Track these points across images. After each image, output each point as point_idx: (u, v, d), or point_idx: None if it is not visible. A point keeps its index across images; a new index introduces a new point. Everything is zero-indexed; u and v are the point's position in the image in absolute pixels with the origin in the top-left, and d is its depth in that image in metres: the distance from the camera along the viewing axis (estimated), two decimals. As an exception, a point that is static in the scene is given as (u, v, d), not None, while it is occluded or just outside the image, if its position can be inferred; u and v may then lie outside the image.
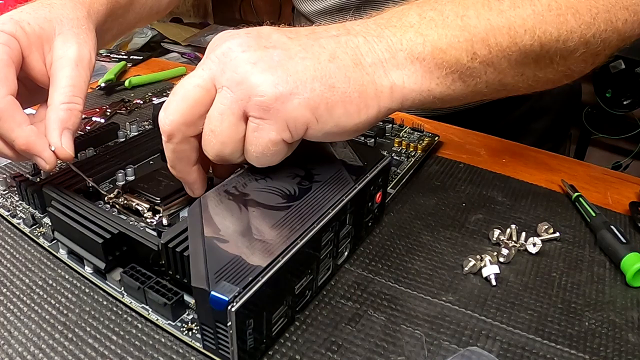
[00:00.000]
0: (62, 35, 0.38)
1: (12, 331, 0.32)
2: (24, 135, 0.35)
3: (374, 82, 0.33)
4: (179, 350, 0.31)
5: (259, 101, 0.30)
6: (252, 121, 0.31)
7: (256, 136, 0.32)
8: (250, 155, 0.33)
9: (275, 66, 0.31)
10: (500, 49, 0.35)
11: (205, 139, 0.33)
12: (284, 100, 0.30)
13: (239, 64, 0.31)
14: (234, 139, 0.32)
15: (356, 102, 0.32)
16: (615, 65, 1.46)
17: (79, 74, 0.38)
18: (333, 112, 0.32)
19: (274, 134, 0.31)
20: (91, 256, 0.35)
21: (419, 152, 0.52)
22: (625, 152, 1.66)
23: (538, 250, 0.40)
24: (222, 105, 0.31)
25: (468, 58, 0.34)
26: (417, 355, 0.31)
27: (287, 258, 0.29)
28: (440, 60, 0.34)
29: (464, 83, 0.36)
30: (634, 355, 0.32)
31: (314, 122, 0.32)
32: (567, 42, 0.36)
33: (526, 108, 0.73)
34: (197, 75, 0.32)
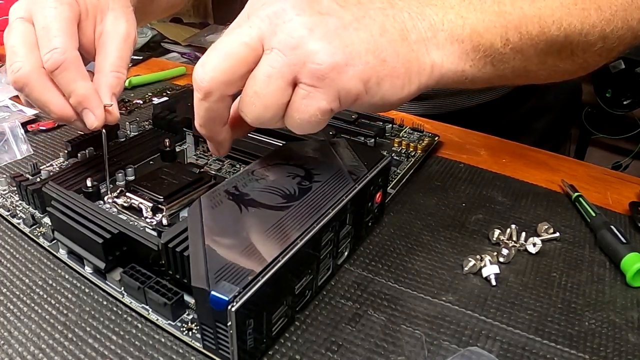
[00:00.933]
0: (114, 11, 0.42)
1: (12, 331, 0.32)
2: (85, 87, 0.38)
3: (417, 59, 0.33)
4: (179, 350, 0.31)
5: (315, 69, 0.30)
6: (302, 88, 0.30)
7: (305, 103, 0.31)
8: (294, 121, 0.32)
9: (331, 35, 0.30)
10: (530, 37, 0.36)
11: (247, 101, 0.31)
12: (340, 70, 0.30)
13: (295, 27, 0.30)
14: (279, 104, 0.31)
15: (402, 77, 0.33)
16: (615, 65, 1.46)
17: (125, 48, 0.42)
18: (382, 86, 0.32)
19: (325, 103, 0.31)
20: (91, 256, 0.35)
21: (419, 152, 0.52)
22: (625, 152, 1.66)
23: (538, 250, 0.40)
24: (272, 67, 0.30)
25: (501, 43, 0.35)
26: (417, 355, 0.31)
27: (287, 258, 0.29)
28: (477, 43, 0.35)
29: (493, 67, 0.36)
30: (634, 355, 0.32)
31: (364, 94, 0.31)
32: (589, 35, 0.38)
33: (527, 107, 0.73)
34: (244, 32, 0.30)
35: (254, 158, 0.46)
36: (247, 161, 0.47)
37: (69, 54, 0.37)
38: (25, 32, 0.38)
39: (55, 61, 0.36)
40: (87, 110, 0.38)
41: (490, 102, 0.69)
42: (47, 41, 0.37)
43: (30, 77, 0.37)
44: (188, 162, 0.49)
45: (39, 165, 0.47)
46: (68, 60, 0.37)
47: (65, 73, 0.37)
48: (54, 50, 0.36)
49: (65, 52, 0.37)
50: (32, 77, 0.37)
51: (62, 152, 0.49)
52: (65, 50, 0.37)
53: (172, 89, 0.69)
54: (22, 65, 0.37)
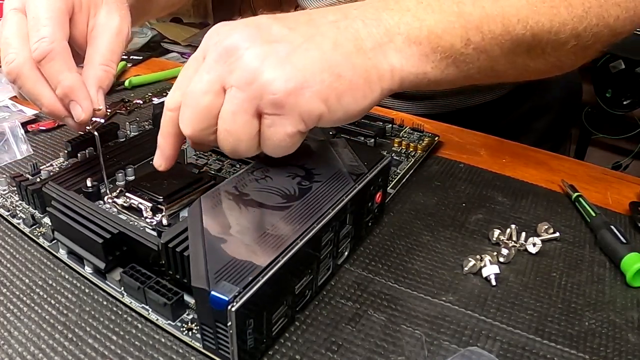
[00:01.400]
0: (108, 5, 0.42)
1: (12, 331, 0.32)
2: (71, 79, 0.37)
3: (376, 67, 0.33)
4: (179, 350, 0.31)
5: (272, 99, 0.31)
6: (266, 117, 0.32)
7: (272, 131, 0.32)
8: (267, 148, 0.33)
9: (283, 61, 0.31)
10: (493, 37, 0.36)
11: (221, 138, 0.33)
12: (297, 94, 0.31)
13: (247, 61, 0.31)
14: (249, 136, 0.33)
15: (362, 88, 0.33)
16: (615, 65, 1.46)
17: (118, 42, 0.41)
18: (342, 100, 0.32)
19: (290, 128, 0.32)
20: (91, 256, 0.35)
21: (419, 152, 0.52)
22: (625, 152, 1.66)
23: (538, 250, 0.40)
24: (234, 105, 0.31)
25: (462, 44, 0.35)
26: (417, 355, 0.31)
27: (287, 258, 0.29)
28: (436, 44, 0.35)
29: (457, 68, 0.36)
30: (634, 355, 0.32)
31: (326, 112, 0.32)
32: (559, 33, 0.37)
33: (527, 107, 0.73)
34: (202, 80, 0.32)
35: (254, 158, 0.46)
36: (247, 161, 0.47)
37: (57, 45, 0.37)
38: (18, 23, 0.38)
39: (42, 51, 0.36)
40: (74, 102, 0.38)
41: (491, 102, 0.69)
42: (35, 31, 0.37)
43: (23, 69, 0.37)
44: (188, 162, 0.49)
45: (39, 165, 0.47)
46: (55, 50, 0.36)
47: (52, 63, 0.37)
48: (42, 39, 0.36)
49: (52, 42, 0.36)
50: (24, 69, 0.37)
51: (62, 152, 0.49)
52: (53, 40, 0.36)
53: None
54: (15, 57, 0.37)
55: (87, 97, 0.38)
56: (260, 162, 0.38)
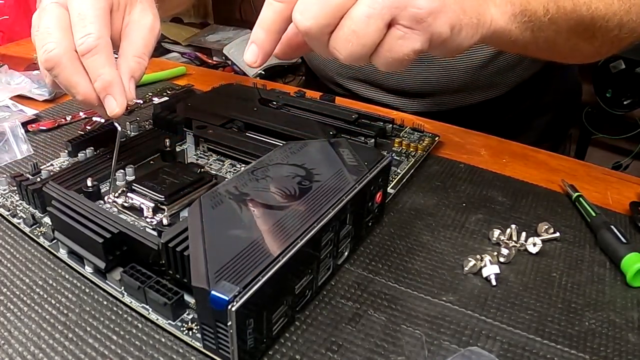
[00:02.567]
0: (142, 4, 0.44)
1: (12, 331, 0.32)
2: (111, 74, 0.39)
3: (484, 13, 0.38)
4: (179, 350, 0.31)
5: (415, 12, 0.32)
6: (399, 29, 0.32)
7: (400, 43, 0.33)
8: (384, 60, 0.34)
9: None
10: (565, 12, 0.42)
11: (344, 38, 0.33)
12: (436, 15, 0.33)
13: None
14: (375, 42, 0.33)
15: (474, 27, 0.36)
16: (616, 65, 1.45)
17: (151, 37, 0.44)
18: (461, 33, 0.35)
19: (419, 44, 0.33)
20: (91, 256, 0.35)
21: (419, 152, 0.52)
22: (626, 152, 1.65)
23: (538, 250, 0.40)
24: (372, 8, 0.32)
25: (543, 12, 0.40)
26: (417, 355, 0.31)
27: (287, 258, 0.29)
28: (524, 8, 0.40)
29: (532, 33, 0.41)
30: (634, 355, 0.32)
31: (449, 38, 0.35)
32: (610, 21, 0.44)
33: (527, 106, 0.73)
34: None
35: (254, 158, 0.46)
36: (247, 161, 0.47)
37: (102, 40, 0.39)
38: (60, 15, 0.39)
39: (88, 45, 0.38)
40: (110, 96, 0.39)
41: (491, 100, 0.69)
42: (82, 27, 0.38)
43: (63, 59, 0.38)
44: (188, 162, 0.49)
45: (39, 165, 0.47)
46: (100, 45, 0.38)
47: (96, 57, 0.38)
48: (89, 34, 0.38)
49: (99, 37, 0.38)
50: (64, 59, 0.38)
51: (63, 152, 0.49)
52: (99, 37, 0.38)
53: (172, 89, 0.69)
54: (55, 47, 0.38)
55: (123, 93, 0.40)
56: (259, 161, 0.38)
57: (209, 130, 0.51)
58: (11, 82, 0.64)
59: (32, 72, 0.67)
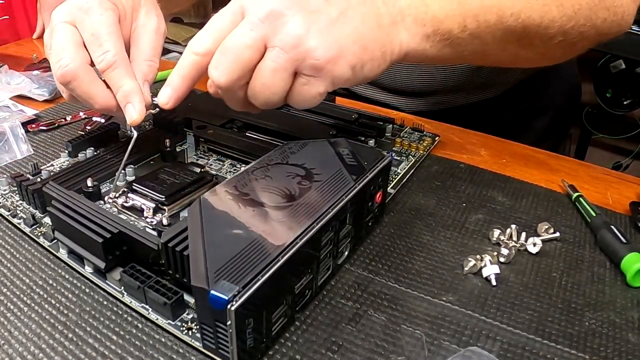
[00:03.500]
0: (146, 7, 0.46)
1: (12, 331, 0.32)
2: (131, 84, 0.41)
3: (391, 42, 0.38)
4: (179, 350, 0.31)
5: (314, 63, 0.35)
6: (303, 77, 0.36)
7: (306, 89, 0.36)
8: (295, 102, 0.37)
9: (324, 32, 0.35)
10: (488, 26, 0.41)
11: (256, 91, 0.37)
12: (334, 62, 0.35)
13: (293, 27, 0.35)
14: (283, 90, 0.36)
15: (379, 58, 0.38)
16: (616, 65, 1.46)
17: (158, 39, 0.45)
18: (364, 68, 0.37)
19: (322, 88, 0.36)
20: (91, 256, 0.35)
21: (419, 152, 0.52)
22: (626, 152, 1.66)
23: (538, 250, 0.40)
24: (276, 63, 0.35)
25: (459, 30, 0.40)
26: (417, 355, 0.31)
27: (287, 257, 0.29)
28: (437, 28, 0.40)
29: (452, 49, 0.41)
30: (634, 355, 0.32)
31: (352, 77, 0.37)
32: (548, 29, 0.42)
33: (526, 106, 0.73)
34: (246, 35, 0.35)
35: (254, 158, 0.46)
36: (247, 161, 0.47)
37: (119, 55, 0.41)
38: (70, 32, 0.41)
39: (108, 62, 0.40)
40: (130, 104, 0.41)
41: (490, 99, 0.69)
42: (98, 46, 0.40)
43: (79, 72, 0.40)
44: (188, 162, 0.49)
45: (40, 165, 0.47)
46: (119, 60, 0.41)
47: (116, 71, 0.41)
48: (107, 52, 0.40)
49: (116, 54, 0.41)
50: (80, 72, 0.40)
51: (63, 152, 0.49)
52: (116, 53, 0.41)
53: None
54: (70, 61, 0.40)
55: (142, 101, 0.41)
56: (259, 161, 0.38)
57: (209, 130, 0.51)
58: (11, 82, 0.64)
59: (32, 72, 0.67)
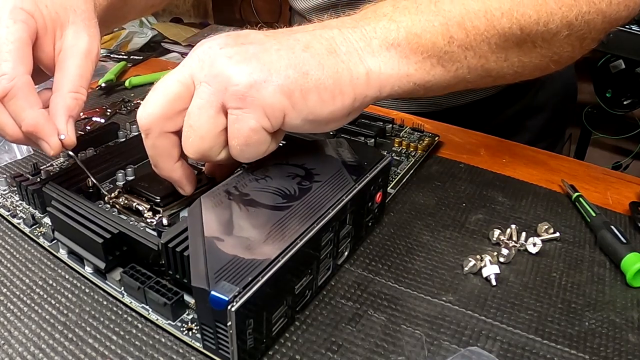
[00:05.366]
0: (75, 25, 0.39)
1: (12, 331, 0.32)
2: (34, 117, 0.35)
3: (349, 69, 0.33)
4: (179, 350, 0.31)
5: (235, 90, 0.31)
6: (231, 113, 0.32)
7: (237, 128, 0.32)
8: (234, 149, 0.33)
9: (249, 58, 0.32)
10: (478, 33, 0.35)
11: (185, 136, 0.33)
12: (259, 87, 0.31)
13: (216, 59, 0.32)
14: (213, 133, 0.32)
15: (330, 88, 0.32)
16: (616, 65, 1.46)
17: (86, 65, 0.39)
18: (307, 99, 0.32)
19: (254, 122, 0.31)
20: (91, 256, 0.35)
21: (419, 152, 0.52)
22: (626, 152, 1.66)
23: (538, 250, 0.40)
24: (201, 99, 0.32)
25: (445, 42, 0.34)
26: (417, 355, 0.31)
27: (287, 258, 0.29)
28: (416, 44, 0.34)
29: (444, 68, 0.36)
30: (634, 355, 0.32)
31: (290, 108, 0.32)
32: (548, 24, 0.36)
33: (521, 106, 0.72)
34: (177, 71, 0.33)
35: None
36: (247, 161, 0.47)
37: (18, 80, 0.35)
38: None
39: (3, 88, 0.35)
40: (40, 139, 0.36)
41: (484, 99, 0.69)
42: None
43: None
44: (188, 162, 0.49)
45: (39, 165, 0.47)
46: (16, 87, 0.35)
47: (14, 101, 0.35)
48: (2, 76, 0.35)
49: (13, 78, 0.35)
50: None
51: (62, 151, 0.49)
52: (14, 77, 0.35)
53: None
54: None
55: (53, 133, 0.36)
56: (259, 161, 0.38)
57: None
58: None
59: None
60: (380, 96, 0.35)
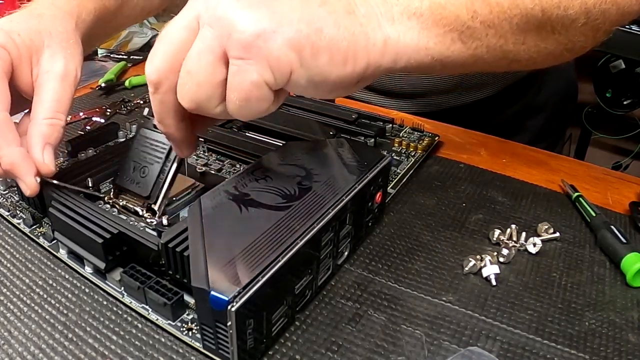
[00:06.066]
0: (50, 48, 0.38)
1: (12, 331, 0.32)
2: (11, 155, 0.35)
3: (366, 34, 0.31)
4: (179, 350, 0.31)
5: (239, 38, 0.28)
6: (232, 63, 0.29)
7: (237, 80, 0.29)
8: (232, 103, 0.30)
9: (259, 4, 0.29)
10: (502, 10, 0.33)
11: (180, 82, 0.30)
12: (267, 37, 0.28)
13: (223, 0, 0.29)
14: (211, 81, 0.29)
15: (344, 50, 0.30)
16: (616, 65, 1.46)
17: (64, 89, 0.38)
18: (318, 57, 0.29)
19: (256, 75, 0.29)
20: (91, 256, 0.35)
21: (419, 152, 0.52)
22: (625, 152, 1.66)
23: (538, 250, 0.40)
24: (202, 43, 0.29)
25: (468, 16, 0.33)
26: (417, 355, 0.31)
27: (287, 258, 0.29)
28: (439, 16, 0.32)
29: (464, 45, 0.34)
30: (634, 355, 0.32)
31: (298, 65, 0.29)
32: (568, 9, 0.35)
33: (521, 106, 0.72)
34: (181, 16, 0.30)
35: (254, 158, 0.46)
36: (247, 161, 0.47)
37: None
38: None
39: None
40: (17, 177, 0.36)
41: (484, 100, 0.69)
42: None
43: None
44: (188, 161, 0.49)
45: (39, 165, 0.47)
46: None
47: None
48: None
49: None
50: None
51: (63, 152, 0.49)
52: None
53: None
54: None
55: (29, 172, 0.35)
56: (259, 161, 0.38)
57: (209, 130, 0.51)
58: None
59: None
60: (395, 68, 0.33)
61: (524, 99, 0.72)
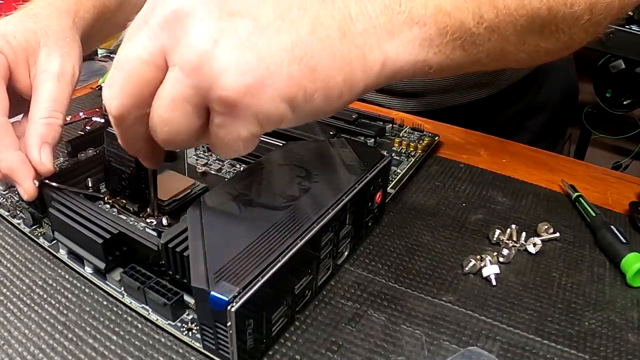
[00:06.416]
0: (47, 47, 0.38)
1: (12, 331, 0.32)
2: (9, 160, 0.35)
3: (363, 57, 0.27)
4: (179, 350, 0.31)
5: (222, 95, 0.24)
6: (215, 116, 0.26)
7: (222, 133, 0.26)
8: (215, 147, 0.28)
9: (242, 45, 0.24)
10: (508, 13, 0.31)
11: (154, 122, 0.27)
12: (255, 93, 0.24)
13: (195, 38, 0.24)
14: (190, 129, 0.26)
15: (340, 86, 0.27)
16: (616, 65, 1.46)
17: (61, 88, 0.37)
18: (312, 101, 0.26)
19: (244, 131, 0.26)
20: (91, 256, 0.35)
21: (419, 152, 0.52)
22: (625, 152, 1.66)
23: (538, 250, 0.40)
24: (174, 90, 0.25)
25: (474, 22, 0.30)
26: (417, 355, 0.31)
27: (287, 258, 0.29)
28: (444, 24, 0.29)
29: (464, 52, 0.31)
30: (634, 355, 0.32)
31: (289, 114, 0.26)
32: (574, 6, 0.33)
33: (521, 106, 0.72)
34: (142, 45, 0.26)
35: (254, 158, 0.46)
36: (247, 161, 0.47)
37: None
38: None
39: None
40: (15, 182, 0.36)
41: (484, 99, 0.69)
42: None
43: None
44: (188, 161, 0.49)
45: (39, 165, 0.47)
46: None
47: None
48: None
49: None
50: None
51: (63, 152, 0.49)
52: None
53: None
54: None
55: (27, 177, 0.35)
56: (259, 161, 0.38)
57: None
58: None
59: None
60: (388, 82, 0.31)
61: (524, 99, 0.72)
